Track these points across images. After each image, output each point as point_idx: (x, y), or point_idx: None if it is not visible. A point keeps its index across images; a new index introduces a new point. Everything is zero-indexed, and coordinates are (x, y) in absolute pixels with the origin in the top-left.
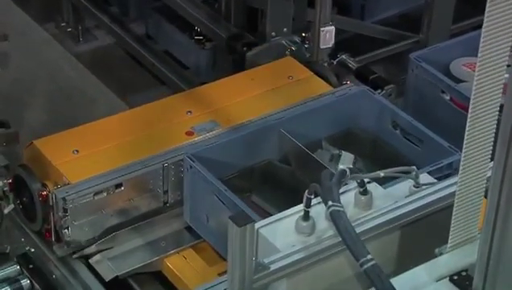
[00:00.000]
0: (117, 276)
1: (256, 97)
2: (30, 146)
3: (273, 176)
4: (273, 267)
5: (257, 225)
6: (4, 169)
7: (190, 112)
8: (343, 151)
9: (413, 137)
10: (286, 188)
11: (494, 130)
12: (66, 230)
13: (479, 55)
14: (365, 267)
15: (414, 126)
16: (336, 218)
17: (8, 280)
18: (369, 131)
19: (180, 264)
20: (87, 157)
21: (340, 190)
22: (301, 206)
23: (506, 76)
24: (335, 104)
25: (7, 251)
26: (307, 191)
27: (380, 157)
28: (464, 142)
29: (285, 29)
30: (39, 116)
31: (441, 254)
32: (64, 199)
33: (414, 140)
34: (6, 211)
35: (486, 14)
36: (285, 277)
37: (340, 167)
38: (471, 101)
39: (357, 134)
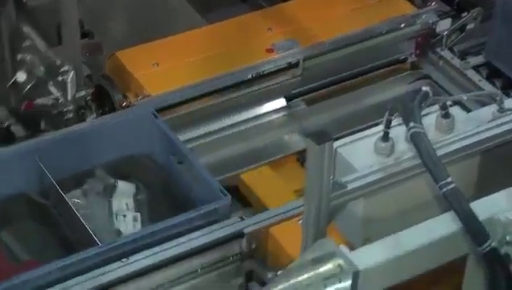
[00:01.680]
0: None
1: (339, 17)
2: (113, 57)
3: (28, 211)
4: (350, 186)
5: (335, 144)
6: (87, 79)
7: (270, 29)
8: (119, 181)
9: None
10: (43, 226)
11: None
12: None
13: None
14: (445, 189)
15: (190, 162)
16: (417, 140)
17: None
18: (154, 159)
19: (256, 180)
20: (167, 70)
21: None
22: (381, 127)
23: None
24: (113, 128)
25: None
26: (387, 112)
27: (164, 189)
28: None
29: None
30: (121, 27)
31: None
32: None
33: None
34: (88, 120)
35: None
36: (362, 197)
37: None
38: None
39: (141, 161)
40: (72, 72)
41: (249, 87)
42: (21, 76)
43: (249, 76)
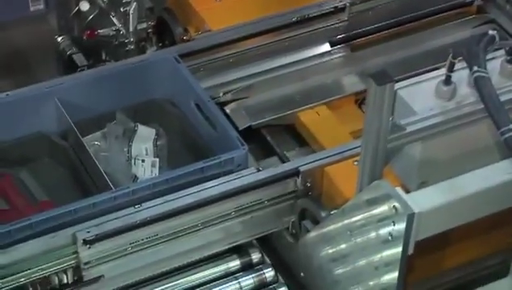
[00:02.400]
0: (250, 126)
1: None
2: None
3: (47, 151)
4: (409, 128)
5: (396, 85)
6: (149, 11)
7: None
8: (139, 125)
9: (209, 120)
10: (61, 167)
11: None
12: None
13: None
14: (506, 136)
15: (209, 109)
16: (481, 84)
17: None
18: (176, 104)
19: (313, 119)
20: (229, 6)
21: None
22: (442, 70)
23: None
24: (133, 71)
25: None
26: (450, 55)
27: (186, 135)
28: None
29: None
30: None
31: None
32: None
33: (211, 124)
34: (148, 52)
35: None
36: (420, 140)
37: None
38: None
39: (161, 105)
40: (135, 4)
41: (308, 27)
42: (84, 6)
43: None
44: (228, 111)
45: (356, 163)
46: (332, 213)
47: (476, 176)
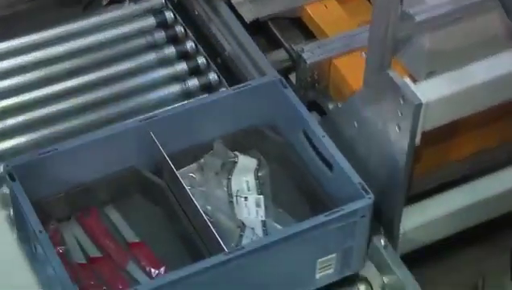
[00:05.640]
0: (257, 19)
1: None
2: None
3: (138, 188)
4: (418, 18)
5: None
6: None
7: None
8: (240, 156)
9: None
10: (155, 204)
11: None
12: None
13: None
14: None
15: (324, 146)
16: None
17: (152, 11)
18: (278, 131)
19: (321, 12)
20: None
21: None
22: None
23: None
24: (234, 97)
25: None
26: None
27: (289, 168)
28: None
29: None
30: None
31: None
32: None
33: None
34: None
35: None
36: (429, 30)
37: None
38: None
39: (262, 132)
40: None
41: None
42: None
43: None
44: (235, 4)
45: (364, 54)
46: (339, 104)
47: (485, 65)
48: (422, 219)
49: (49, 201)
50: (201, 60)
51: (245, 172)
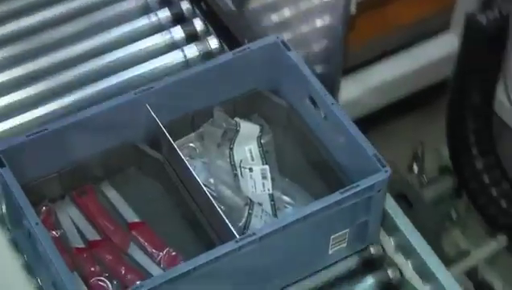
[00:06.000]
0: None
1: None
2: None
3: (136, 164)
4: None
5: None
6: None
7: None
8: (242, 122)
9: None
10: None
11: None
12: None
13: None
14: None
15: (333, 114)
16: None
17: None
18: (282, 96)
19: None
20: None
21: None
22: None
23: None
24: (233, 62)
25: None
26: None
27: (295, 134)
28: None
29: None
30: None
31: None
32: None
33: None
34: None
35: None
36: None
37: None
38: None
39: (263, 95)
40: None
41: None
42: None
43: None
44: None
45: None
46: None
47: None
48: (360, 89)
49: (41, 183)
50: (198, 24)
51: (247, 140)
